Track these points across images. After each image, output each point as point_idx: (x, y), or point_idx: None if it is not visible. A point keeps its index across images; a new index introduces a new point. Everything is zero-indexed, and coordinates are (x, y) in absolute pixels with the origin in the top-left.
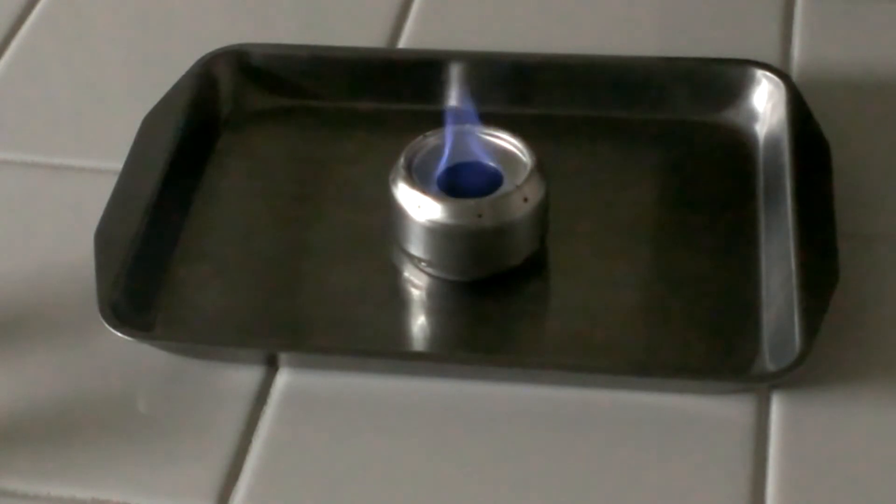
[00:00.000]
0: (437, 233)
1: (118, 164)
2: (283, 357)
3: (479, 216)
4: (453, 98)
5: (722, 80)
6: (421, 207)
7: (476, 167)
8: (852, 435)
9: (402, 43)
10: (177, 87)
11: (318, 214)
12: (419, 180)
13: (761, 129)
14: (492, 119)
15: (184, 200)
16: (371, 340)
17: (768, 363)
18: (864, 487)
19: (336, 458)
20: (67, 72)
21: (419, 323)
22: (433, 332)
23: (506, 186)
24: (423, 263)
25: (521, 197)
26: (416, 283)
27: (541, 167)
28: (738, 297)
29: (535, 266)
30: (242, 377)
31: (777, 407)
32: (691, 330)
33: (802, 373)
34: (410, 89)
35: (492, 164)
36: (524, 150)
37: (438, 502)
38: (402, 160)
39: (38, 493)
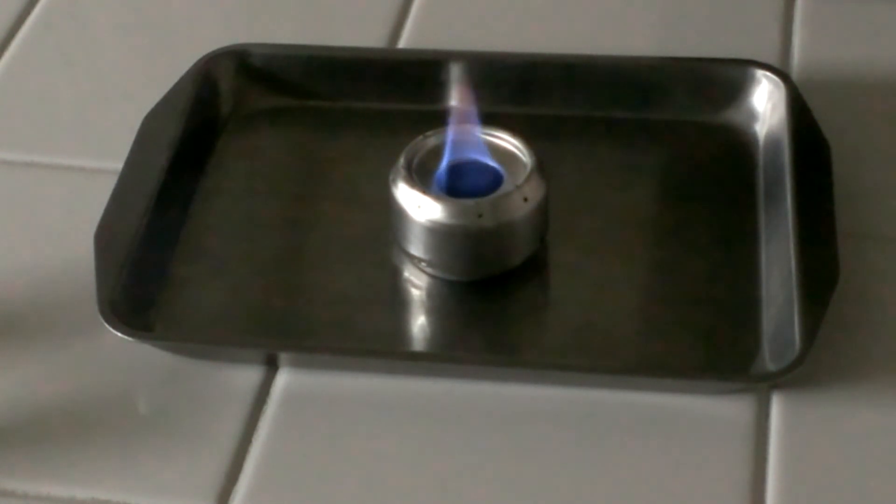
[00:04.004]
0: (437, 233)
1: (118, 164)
2: (283, 357)
3: (479, 216)
4: (453, 98)
5: (722, 80)
6: (421, 207)
7: (476, 167)
8: (852, 435)
9: (402, 43)
10: (177, 87)
11: (318, 214)
12: (419, 180)
13: (761, 129)
14: (492, 119)
15: (184, 200)
16: (371, 340)
17: (768, 363)
18: (864, 487)
19: (336, 458)
20: (67, 72)
21: (419, 323)
22: (433, 332)
23: (506, 186)
24: (423, 263)
25: (521, 197)
26: (416, 283)
27: (541, 167)
28: (738, 297)
29: (535, 266)
30: (242, 377)
31: (777, 407)
32: (691, 330)
33: (802, 373)
34: (410, 89)
35: (492, 163)
36: (524, 150)
37: (438, 502)
38: (402, 160)
39: (39, 493)
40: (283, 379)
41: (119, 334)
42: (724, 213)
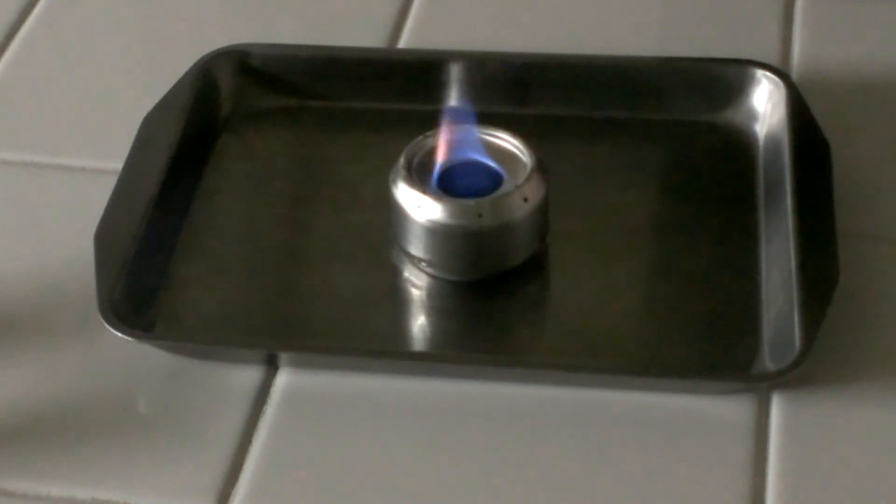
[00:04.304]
0: (437, 233)
1: (118, 164)
2: (283, 357)
3: (479, 216)
4: (453, 98)
5: (722, 80)
6: (421, 207)
7: (476, 167)
8: (852, 435)
9: (402, 43)
10: (177, 87)
11: (318, 214)
12: (419, 180)
13: (761, 129)
14: (492, 119)
15: (184, 200)
16: (371, 340)
17: (768, 363)
18: (864, 487)
19: (336, 458)
20: (67, 72)
21: (419, 323)
22: (433, 332)
23: (506, 186)
24: (423, 263)
25: (521, 197)
26: (416, 283)
27: (541, 167)
28: (738, 297)
29: (535, 266)
30: (242, 377)
31: (777, 407)
32: (691, 330)
33: (802, 373)
34: (410, 89)
35: (490, 163)
36: (524, 150)
37: (438, 502)
38: (402, 160)
39: (39, 493)
40: (283, 379)
41: (119, 334)
42: (724, 213)
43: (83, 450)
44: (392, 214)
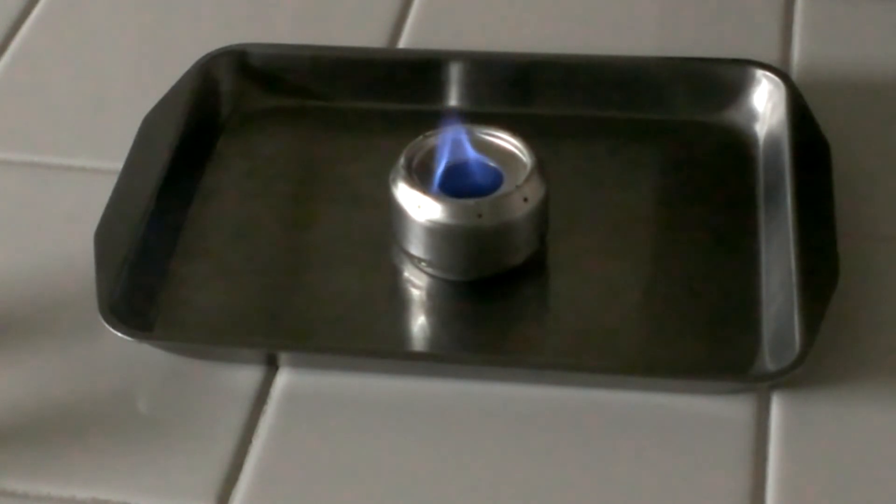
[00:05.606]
0: (437, 233)
1: (118, 164)
2: (283, 357)
3: (479, 216)
4: (453, 98)
5: (722, 80)
6: (421, 207)
7: (476, 167)
8: (852, 435)
9: (402, 43)
10: (177, 87)
11: (318, 214)
12: (419, 180)
13: (761, 129)
14: (492, 119)
15: (184, 200)
16: (371, 340)
17: (768, 363)
18: (864, 487)
19: (336, 458)
20: (67, 72)
21: (419, 323)
22: (433, 332)
23: (506, 186)
24: (423, 263)
25: (521, 197)
26: (416, 283)
27: (541, 167)
28: (738, 297)
29: (535, 266)
30: (242, 377)
31: (777, 407)
32: (691, 329)
33: (802, 373)
34: (410, 89)
35: (491, 163)
36: (524, 150)
37: (438, 502)
38: (402, 160)
39: (39, 493)
40: (283, 379)
41: (119, 334)
42: (723, 213)
43: (83, 450)
44: (392, 214)
